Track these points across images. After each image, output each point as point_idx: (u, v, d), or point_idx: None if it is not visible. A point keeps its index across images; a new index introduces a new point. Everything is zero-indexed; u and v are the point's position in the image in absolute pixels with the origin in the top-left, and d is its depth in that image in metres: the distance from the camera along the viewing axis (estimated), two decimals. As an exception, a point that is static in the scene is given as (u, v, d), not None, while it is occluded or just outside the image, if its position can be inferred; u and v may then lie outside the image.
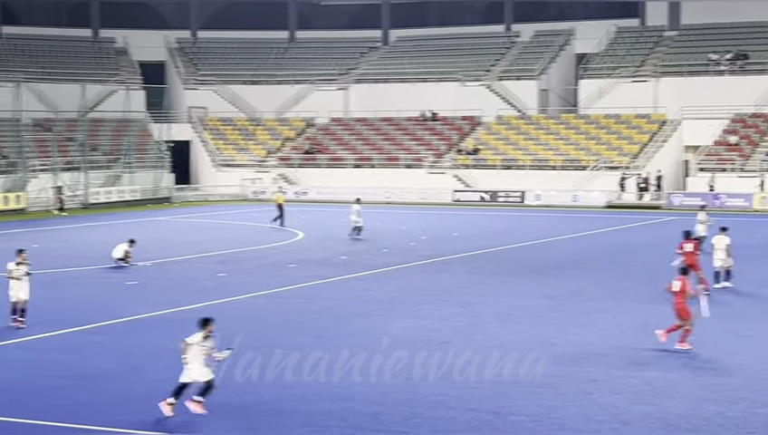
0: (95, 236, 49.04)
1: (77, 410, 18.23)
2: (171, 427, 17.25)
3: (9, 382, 20.32)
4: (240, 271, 36.52)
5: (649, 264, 37.67)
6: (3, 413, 17.93)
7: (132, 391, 19.44)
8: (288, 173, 76.00)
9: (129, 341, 24.20)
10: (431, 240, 46.49)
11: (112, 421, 17.49)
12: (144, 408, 18.30)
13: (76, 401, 18.88)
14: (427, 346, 23.49)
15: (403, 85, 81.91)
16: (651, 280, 32.65)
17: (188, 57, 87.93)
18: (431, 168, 73.47)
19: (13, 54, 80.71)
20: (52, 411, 18.11)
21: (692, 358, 22.35)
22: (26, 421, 17.56)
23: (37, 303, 29.09)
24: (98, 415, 17.91)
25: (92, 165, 69.76)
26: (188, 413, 17.81)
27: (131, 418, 17.76)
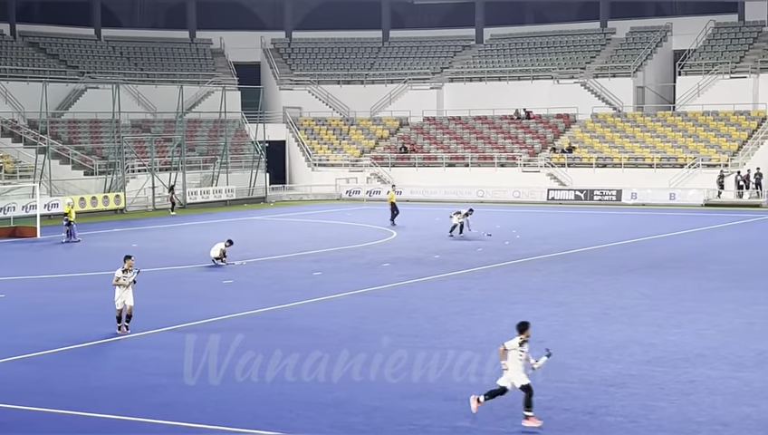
0: (192, 236, 49.71)
1: (177, 408, 18.52)
2: (267, 424, 17.42)
3: (111, 380, 20.72)
4: (335, 270, 36.75)
5: (748, 263, 37.03)
6: (105, 410, 18.30)
7: (229, 389, 19.68)
8: (382, 172, 76.23)
9: (226, 339, 24.45)
10: (525, 239, 46.26)
11: (211, 419, 17.74)
12: (242, 406, 18.53)
13: (174, 399, 19.17)
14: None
15: (497, 83, 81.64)
16: (750, 279, 32.14)
17: (283, 58, 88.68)
18: (525, 166, 73.11)
19: (112, 57, 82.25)
20: (152, 409, 18.42)
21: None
22: (127, 419, 17.88)
23: (136, 302, 29.66)
24: (197, 413, 18.17)
25: (189, 165, 70.76)
26: (283, 410, 18.01)
27: (229, 415, 18.00)
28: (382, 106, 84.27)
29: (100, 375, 21.07)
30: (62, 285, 34.23)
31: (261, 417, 17.89)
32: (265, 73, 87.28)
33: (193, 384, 20.10)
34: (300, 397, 19.05)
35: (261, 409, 18.39)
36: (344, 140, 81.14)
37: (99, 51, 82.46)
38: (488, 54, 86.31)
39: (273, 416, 17.95)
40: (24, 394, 19.47)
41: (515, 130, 78.14)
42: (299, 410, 18.26)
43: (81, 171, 66.38)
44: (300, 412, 18.12)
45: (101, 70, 78.09)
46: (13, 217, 53.38)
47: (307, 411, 18.17)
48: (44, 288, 33.50)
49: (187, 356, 22.04)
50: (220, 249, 38.08)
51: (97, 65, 79.30)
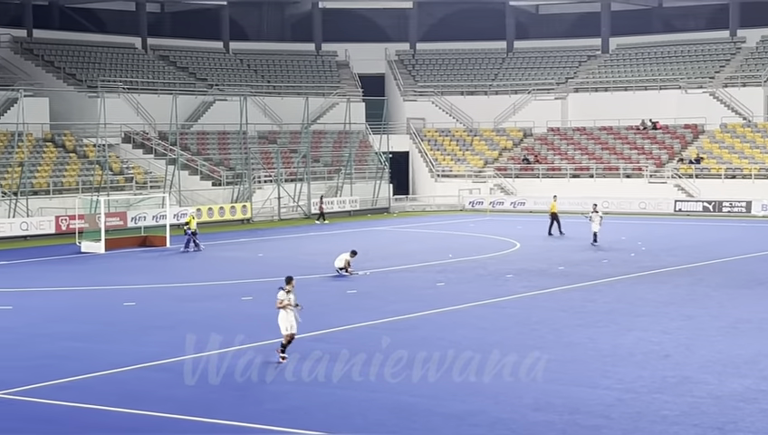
0: (316, 246, 50.20)
1: (296, 414, 18.74)
2: (388, 432, 17.51)
3: (234, 387, 21.03)
4: (458, 281, 36.74)
5: None
6: (228, 417, 18.60)
7: (346, 398, 19.80)
8: (505, 183, 75.96)
9: (352, 348, 24.60)
10: (651, 251, 45.59)
11: (330, 426, 17.89)
12: (359, 414, 18.64)
13: (289, 406, 19.38)
14: (648, 360, 23.10)
15: (623, 93, 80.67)
16: None
17: (407, 69, 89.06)
18: (651, 177, 72.06)
19: (239, 69, 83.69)
20: (274, 416, 18.66)
21: None
22: (249, 425, 18.12)
23: (263, 311, 30.10)
24: (318, 420, 18.35)
25: (314, 176, 71.53)
26: (405, 419, 18.09)
27: (347, 422, 18.13)
28: (506, 117, 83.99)
29: (224, 382, 21.41)
30: (190, 293, 34.90)
31: (380, 425, 17.99)
32: (389, 85, 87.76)
33: (314, 391, 20.30)
34: (421, 406, 19.10)
35: (380, 416, 18.50)
36: (467, 150, 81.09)
37: (227, 63, 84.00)
38: (614, 64, 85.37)
39: (393, 424, 18.04)
40: (154, 400, 19.92)
41: (641, 140, 77.11)
42: (420, 419, 18.32)
43: (209, 182, 67.65)
44: (421, 422, 18.17)
45: (229, 82, 79.50)
46: (143, 227, 54.70)
47: (429, 421, 18.22)
48: (173, 296, 34.22)
49: (311, 364, 22.30)
50: (345, 260, 38.40)
51: (225, 78, 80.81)
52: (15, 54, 73.15)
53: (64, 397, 20.18)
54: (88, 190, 59.36)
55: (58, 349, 25.18)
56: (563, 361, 23.03)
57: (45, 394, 20.45)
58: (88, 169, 62.95)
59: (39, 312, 31.12)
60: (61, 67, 73.43)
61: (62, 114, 67.72)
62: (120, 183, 62.92)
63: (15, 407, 19.72)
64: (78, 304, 32.99)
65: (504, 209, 71.79)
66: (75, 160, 64.21)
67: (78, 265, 43.46)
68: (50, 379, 21.72)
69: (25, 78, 68.85)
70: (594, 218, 48.70)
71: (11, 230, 53.09)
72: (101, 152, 62.30)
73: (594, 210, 49.45)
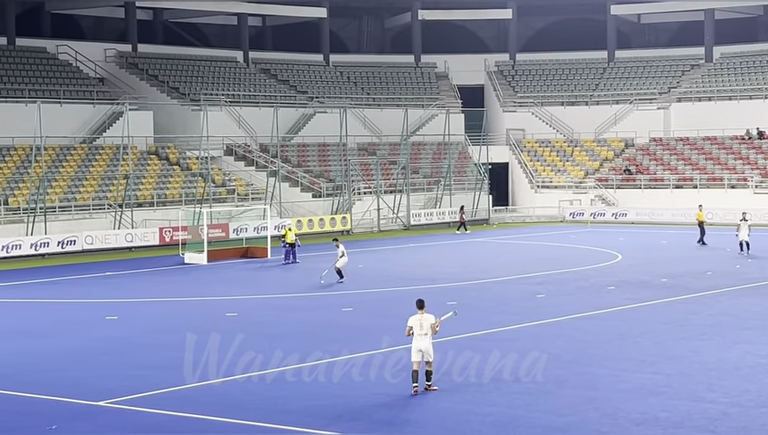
0: (416, 258, 50.27)
1: (398, 426, 18.81)
2: None
3: (338, 398, 21.13)
4: (559, 292, 36.46)
5: None
6: (332, 428, 18.71)
7: (450, 410, 19.76)
8: (606, 194, 75.18)
9: (446, 360, 24.51)
10: (758, 263, 44.72)
11: None
12: (459, 426, 18.60)
13: (398, 417, 19.39)
14: (754, 373, 22.65)
15: (727, 103, 79.30)
16: None
17: (506, 80, 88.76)
18: (757, 187, 70.70)
19: (339, 81, 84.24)
20: (376, 427, 18.72)
21: None
22: None
23: (362, 321, 30.24)
24: (419, 430, 18.31)
25: (414, 187, 71.63)
26: (505, 431, 18.00)
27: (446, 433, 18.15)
28: (607, 127, 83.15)
29: (329, 393, 21.52)
30: (290, 304, 35.20)
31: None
32: (489, 96, 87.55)
33: (415, 403, 20.31)
34: (522, 419, 19.00)
35: (478, 428, 18.45)
36: (568, 161, 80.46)
37: (327, 76, 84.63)
38: (718, 73, 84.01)
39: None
40: (257, 410, 20.09)
41: (746, 150, 75.72)
42: (520, 432, 18.22)
43: (310, 193, 68.17)
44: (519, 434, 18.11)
45: (329, 95, 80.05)
46: (245, 238, 55.34)
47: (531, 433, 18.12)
48: (273, 307, 34.53)
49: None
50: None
51: (325, 90, 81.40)
52: (121, 69, 74.63)
53: (167, 406, 20.48)
54: (191, 202, 60.26)
55: (161, 359, 25.55)
56: (668, 374, 22.69)
57: (149, 404, 20.77)
58: (191, 181, 63.92)
59: (143, 322, 31.65)
60: (164, 81, 74.73)
61: (165, 127, 68.89)
62: (221, 195, 63.74)
63: (122, 416, 20.07)
64: (181, 314, 33.47)
65: (604, 221, 71.03)
66: (178, 173, 65.25)
67: (181, 277, 44.12)
68: (153, 389, 22.05)
69: (130, 92, 70.15)
70: (743, 227, 48.18)
71: (116, 242, 54.11)
72: (204, 165, 63.20)
73: (744, 219, 49.06)
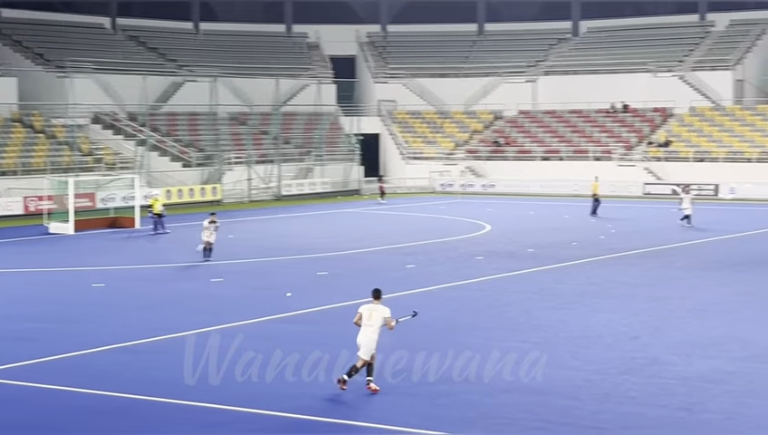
0: (287, 228, 50.17)
1: (267, 398, 18.71)
2: (350, 414, 17.53)
3: (205, 368, 20.96)
4: (429, 262, 36.79)
5: None
6: (199, 398, 18.54)
7: (321, 381, 19.79)
8: (475, 166, 76.06)
9: (320, 330, 24.68)
10: (621, 233, 45.81)
11: (300, 409, 17.89)
12: (333, 396, 18.65)
13: (266, 389, 19.35)
14: (617, 341, 23.23)
15: (593, 77, 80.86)
16: None
17: (378, 51, 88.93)
18: (621, 160, 72.35)
19: (209, 50, 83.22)
20: (245, 398, 18.63)
21: None
22: (220, 407, 18.09)
23: (232, 292, 30.08)
24: (288, 403, 18.35)
25: (285, 158, 71.38)
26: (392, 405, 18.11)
27: (321, 405, 18.14)
28: (477, 99, 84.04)
29: (195, 364, 21.33)
30: (159, 274, 34.79)
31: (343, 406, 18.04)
32: (360, 67, 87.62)
33: (287, 376, 20.28)
34: (394, 387, 19.14)
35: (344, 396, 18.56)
36: (438, 133, 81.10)
37: (197, 44, 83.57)
38: (584, 47, 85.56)
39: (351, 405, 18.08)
40: (125, 382, 19.83)
41: (611, 123, 77.39)
42: (391, 398, 18.36)
43: (179, 163, 67.37)
44: (389, 400, 18.22)
45: (199, 63, 79.04)
46: (113, 208, 54.45)
47: (404, 401, 18.25)
48: (142, 278, 34.09)
49: (282, 346, 22.25)
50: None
51: (195, 59, 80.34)
52: (-17, 34, 72.57)
53: (32, 378, 20.06)
54: (57, 171, 58.96)
55: (22, 330, 24.99)
56: (534, 342, 23.11)
57: (13, 375, 20.32)
58: (57, 149, 62.54)
59: (5, 293, 30.91)
60: (29, 47, 72.81)
61: (30, 95, 67.18)
62: (89, 164, 62.54)
63: (-17, 388, 19.61)
64: (45, 285, 32.81)
65: (474, 192, 71.96)
66: (44, 141, 63.75)
67: (46, 247, 43.22)
68: (17, 360, 21.57)
69: (-7, 58, 68.31)
70: (685, 200, 48.95)
71: (-22, 211, 52.73)
72: (70, 133, 61.89)
73: (686, 191, 49.98)
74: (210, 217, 37.95)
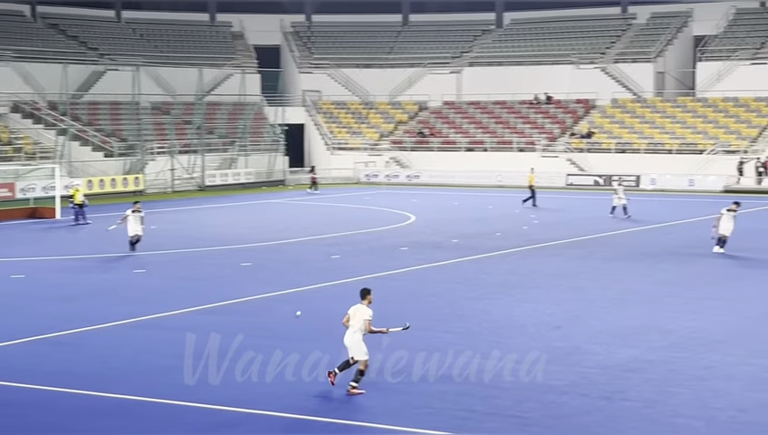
0: (211, 219, 49.89)
1: (193, 389, 18.61)
2: (282, 407, 17.50)
3: (130, 361, 20.82)
4: (353, 253, 36.81)
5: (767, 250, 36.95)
6: (123, 391, 18.41)
7: (245, 371, 19.72)
8: (400, 156, 76.22)
9: (244, 321, 24.61)
10: (544, 224, 46.23)
11: (229, 400, 17.83)
12: (252, 387, 18.60)
13: (192, 380, 19.24)
14: (539, 331, 23.45)
15: (517, 68, 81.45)
16: None
17: (303, 41, 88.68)
18: (544, 151, 72.99)
19: (132, 39, 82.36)
20: (171, 390, 18.52)
21: (812, 346, 21.92)
22: (146, 399, 17.98)
23: (155, 283, 29.85)
24: (212, 394, 18.27)
25: (209, 148, 70.92)
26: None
27: (250, 396, 18.09)
28: (401, 90, 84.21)
29: (120, 356, 21.17)
30: (80, 265, 34.38)
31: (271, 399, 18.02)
32: (285, 57, 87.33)
33: (209, 367, 20.18)
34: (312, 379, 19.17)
35: (278, 389, 18.52)
36: (363, 123, 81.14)
37: (119, 33, 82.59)
38: (508, 39, 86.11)
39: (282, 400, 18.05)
40: (45, 374, 19.60)
41: (535, 115, 78.02)
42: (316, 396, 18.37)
43: (101, 153, 66.58)
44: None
45: (121, 52, 78.17)
46: (33, 198, 53.67)
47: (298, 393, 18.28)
48: (62, 269, 33.66)
49: (206, 338, 22.15)
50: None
51: (117, 47, 79.42)
52: None
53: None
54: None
55: (-57, 323, 24.59)
56: (458, 332, 23.24)
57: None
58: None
59: (-76, 285, 30.35)
60: (-54, 34, 71.50)
61: (-53, 82, 65.98)
62: (8, 154, 61.54)
63: None
64: (-36, 277, 32.26)
65: (399, 182, 72.14)
66: (-38, 130, 62.67)
67: (-35, 238, 42.48)
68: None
69: None
70: (619, 191, 49.21)
71: None
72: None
73: (620, 183, 50.53)
74: (134, 207, 37.32)
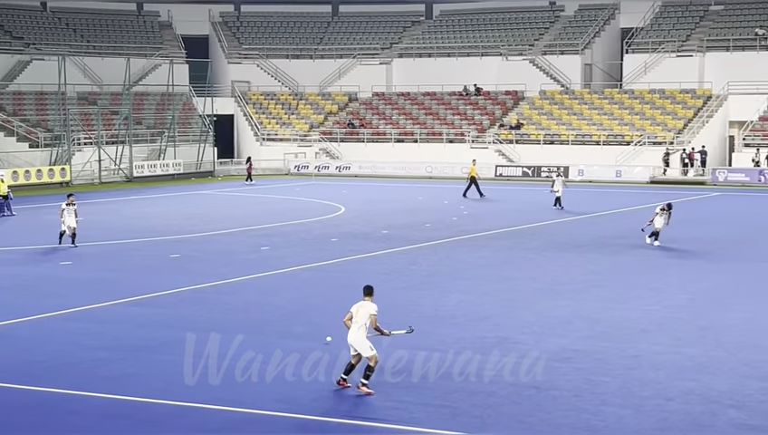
0: (138, 210, 49.43)
1: (121, 382, 18.44)
2: (215, 399, 17.40)
3: (55, 354, 20.57)
4: (283, 244, 36.70)
5: (693, 240, 37.44)
6: (49, 384, 18.19)
7: (175, 363, 19.60)
8: (330, 147, 76.12)
9: (173, 313, 24.44)
10: (473, 215, 46.45)
11: (155, 393, 17.68)
12: (182, 379, 18.47)
13: (120, 373, 19.07)
14: (468, 321, 23.55)
15: (446, 60, 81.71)
16: (694, 256, 32.55)
17: (231, 31, 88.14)
18: (474, 142, 73.32)
19: (58, 28, 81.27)
20: (95, 383, 18.31)
21: (734, 334, 22.24)
22: (72, 392, 17.78)
23: (82, 275, 29.51)
24: (141, 387, 18.11)
25: (136, 138, 70.25)
26: (236, 387, 18.01)
27: (174, 389, 17.95)
28: (331, 81, 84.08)
29: (45, 349, 20.90)
30: (5, 258, 33.89)
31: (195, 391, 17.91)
32: (214, 47, 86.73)
33: (138, 358, 20.01)
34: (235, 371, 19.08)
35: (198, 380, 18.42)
36: (293, 114, 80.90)
37: (44, 22, 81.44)
38: (438, 30, 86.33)
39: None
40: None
41: (464, 106, 78.32)
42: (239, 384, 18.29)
43: (27, 144, 65.63)
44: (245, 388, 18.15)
45: (47, 41, 77.11)
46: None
47: (254, 386, 18.21)
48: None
49: (133, 330, 21.95)
50: None
51: (42, 36, 78.33)
52: None
53: None
54: None
55: None
56: (387, 324, 23.24)
57: None
58: None
59: None
60: None
61: None
62: (-70, 144, 60.50)
63: None
64: None
65: (329, 174, 72.06)
66: None
67: None
68: None
69: None
70: (557, 183, 49.25)
71: None
72: None
73: (558, 174, 50.38)
74: (68, 199, 36.79)
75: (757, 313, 24.56)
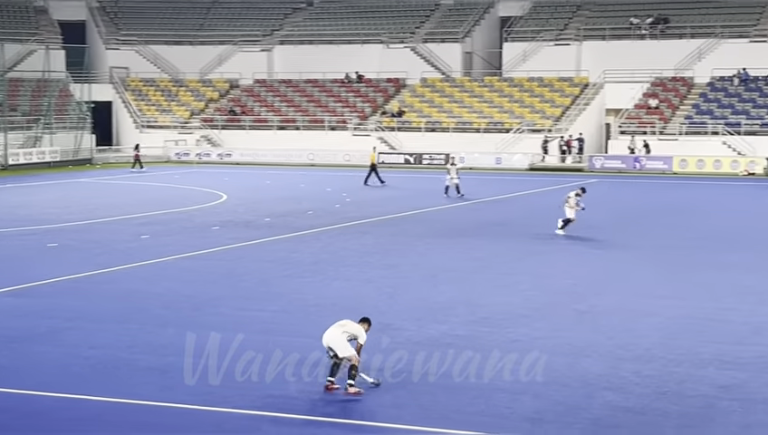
0: (15, 198, 48.41)
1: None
2: (90, 390, 17.15)
3: None
4: (164, 233, 36.30)
5: (573, 226, 38.06)
6: None
7: (49, 355, 19.25)
8: (211, 135, 75.49)
9: (49, 303, 23.99)
10: (356, 202, 46.56)
11: (28, 385, 17.34)
12: (61, 371, 18.17)
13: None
14: (351, 308, 23.59)
15: (328, 47, 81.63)
16: (574, 242, 33.14)
17: (110, 16, 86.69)
18: (356, 130, 73.44)
19: (-72, 12, 78.95)
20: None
21: (611, 318, 22.73)
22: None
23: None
24: (13, 379, 17.75)
25: (12, 126, 68.67)
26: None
27: (49, 379, 17.64)
28: (212, 68, 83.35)
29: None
30: None
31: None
32: (91, 32, 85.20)
33: (11, 349, 19.62)
34: (123, 361, 18.84)
35: (79, 372, 18.14)
36: (173, 101, 79.98)
37: None
38: (319, 18, 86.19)
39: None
40: None
41: (346, 93, 78.39)
42: (121, 373, 18.07)
43: None
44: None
45: None
46: None
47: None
48: None
49: (7, 321, 21.50)
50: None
51: None
52: None
53: None
54: None
55: None
56: (272, 311, 23.21)
57: None
58: None
59: None
60: None
61: None
62: None
63: None
64: None
65: (210, 161, 71.49)
66: None
67: None
68: None
69: None
70: (451, 171, 49.05)
71: None
72: None
73: (452, 163, 50.12)
74: None
75: (631, 296, 25.13)
